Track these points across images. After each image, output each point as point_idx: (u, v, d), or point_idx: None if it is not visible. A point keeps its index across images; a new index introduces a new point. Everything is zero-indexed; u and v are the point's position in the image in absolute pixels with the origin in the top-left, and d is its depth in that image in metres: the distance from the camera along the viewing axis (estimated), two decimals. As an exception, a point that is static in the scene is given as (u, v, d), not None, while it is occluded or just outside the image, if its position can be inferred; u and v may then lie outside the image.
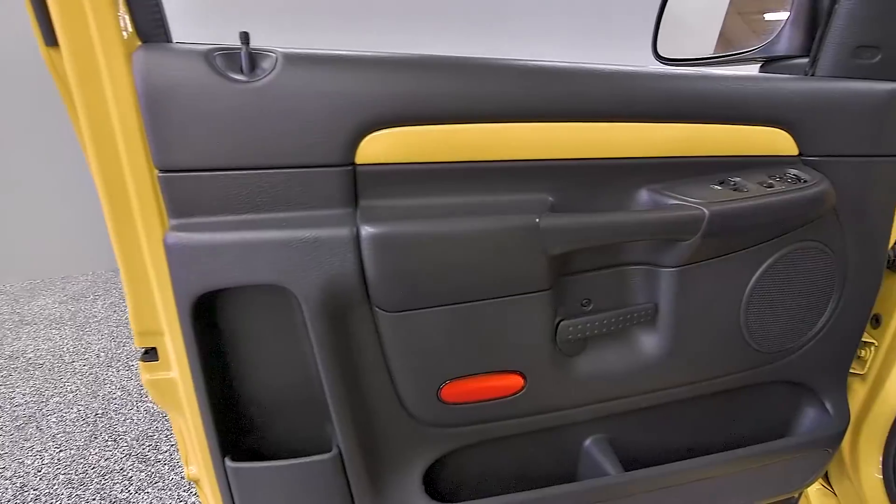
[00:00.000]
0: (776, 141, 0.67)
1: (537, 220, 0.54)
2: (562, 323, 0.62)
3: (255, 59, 0.48)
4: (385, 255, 0.52)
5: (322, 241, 0.51)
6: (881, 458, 0.96)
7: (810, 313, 0.74)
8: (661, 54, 0.95)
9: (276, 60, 0.49)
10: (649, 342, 0.68)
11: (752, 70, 0.82)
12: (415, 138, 0.54)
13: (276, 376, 0.59)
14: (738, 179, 0.64)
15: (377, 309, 0.56)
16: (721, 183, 0.64)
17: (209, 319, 0.55)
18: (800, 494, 0.95)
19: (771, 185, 0.63)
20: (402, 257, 0.53)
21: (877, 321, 1.01)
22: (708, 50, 0.89)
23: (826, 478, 1.11)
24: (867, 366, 1.01)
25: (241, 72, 0.48)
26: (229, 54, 0.48)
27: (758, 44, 0.79)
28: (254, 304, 0.55)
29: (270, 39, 0.52)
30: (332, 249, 0.51)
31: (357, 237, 0.52)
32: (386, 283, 0.53)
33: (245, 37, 0.47)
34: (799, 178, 0.65)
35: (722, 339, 0.70)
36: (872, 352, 1.00)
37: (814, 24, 0.71)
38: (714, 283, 0.66)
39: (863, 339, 1.01)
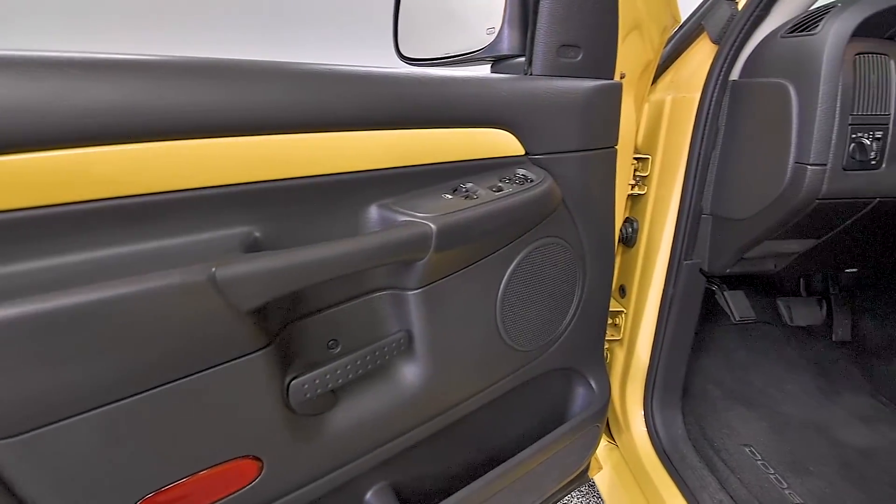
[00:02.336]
0: (504, 142, 0.65)
1: (213, 269, 0.40)
2: (294, 382, 0.50)
3: None
4: None
5: None
6: (643, 413, 1.10)
7: (561, 303, 0.76)
8: (405, 53, 0.90)
9: None
10: (410, 372, 0.61)
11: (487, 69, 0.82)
12: (15, 172, 0.35)
13: None
14: (470, 185, 0.61)
15: None
16: (454, 190, 0.60)
17: None
18: (588, 465, 1.02)
19: (500, 189, 0.61)
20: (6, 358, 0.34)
21: (623, 291, 1.15)
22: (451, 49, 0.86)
23: (609, 433, 1.24)
24: (622, 331, 1.15)
25: None
26: None
27: (486, 42, 0.78)
28: None
29: None
30: None
31: None
32: None
33: None
34: (527, 178, 0.64)
35: (484, 349, 0.67)
36: (624, 319, 1.14)
37: (526, 24, 0.72)
38: (463, 295, 0.62)
39: (615, 310, 1.14)
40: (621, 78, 0.79)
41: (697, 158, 0.86)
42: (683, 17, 0.91)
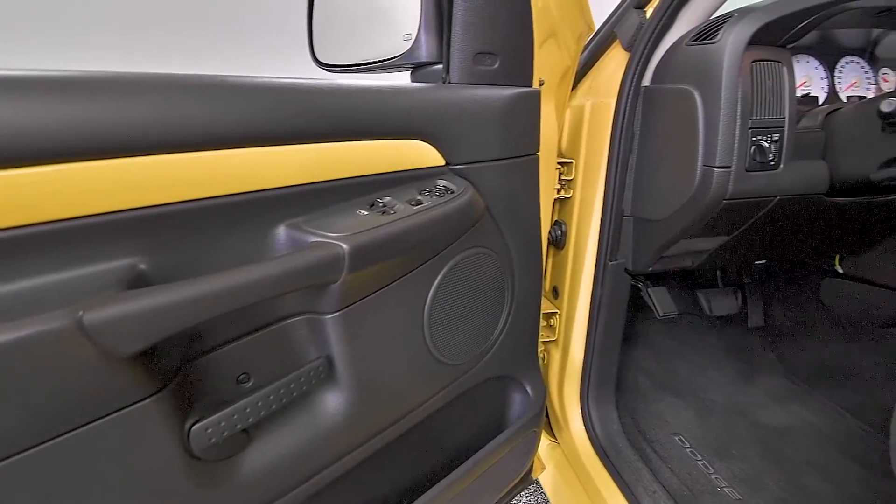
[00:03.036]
0: (423, 153, 0.63)
1: (81, 313, 0.35)
2: (195, 427, 0.45)
3: None
4: None
5: None
6: (580, 410, 1.12)
7: (492, 313, 0.76)
8: (321, 59, 0.86)
9: None
10: (333, 400, 0.58)
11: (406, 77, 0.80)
12: None
13: None
14: (388, 199, 0.58)
15: None
16: (371, 206, 0.57)
17: None
18: (530, 468, 1.03)
19: (419, 202, 0.58)
20: None
21: (556, 293, 1.17)
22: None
23: (551, 431, 1.26)
24: (557, 332, 1.17)
25: None
26: None
27: (404, 49, 0.76)
28: None
29: None
30: None
31: None
32: None
33: None
34: (447, 189, 0.62)
35: (413, 368, 0.65)
36: (558, 319, 1.16)
37: (442, 31, 0.70)
38: (387, 313, 0.59)
39: (550, 311, 1.16)
40: (540, 85, 0.79)
41: (616, 162, 0.89)
42: (597, 25, 0.94)
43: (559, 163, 1.01)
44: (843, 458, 1.00)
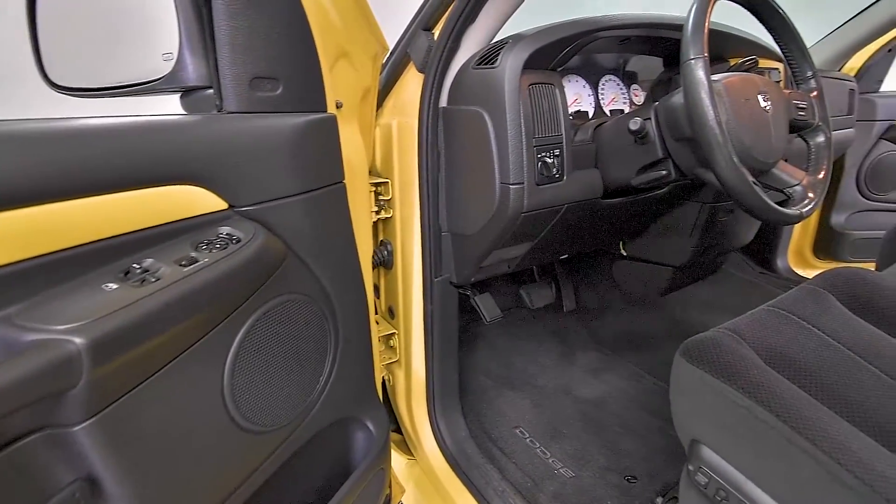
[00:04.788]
0: (197, 199, 0.54)
1: None
2: None
3: None
4: None
5: None
6: (429, 424, 1.12)
7: (314, 360, 0.69)
8: (54, 80, 0.69)
9: None
10: None
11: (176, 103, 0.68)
12: None
13: None
14: (149, 262, 0.47)
15: None
16: (125, 274, 0.46)
17: None
18: (388, 498, 0.99)
19: (194, 260, 0.49)
20: None
21: (392, 313, 1.15)
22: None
23: (409, 450, 1.24)
24: (398, 352, 1.15)
25: None
26: None
27: (166, 70, 0.64)
28: None
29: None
30: None
31: None
32: None
33: None
34: (232, 238, 0.54)
35: (220, 451, 0.55)
36: (397, 339, 1.14)
37: (208, 52, 0.61)
38: (171, 400, 0.49)
39: (389, 332, 1.13)
40: (338, 107, 0.75)
41: (427, 180, 0.89)
42: (392, 44, 0.93)
43: (375, 183, 0.99)
44: (647, 414, 1.18)
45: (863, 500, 0.47)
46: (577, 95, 0.98)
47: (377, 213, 1.00)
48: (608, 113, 1.02)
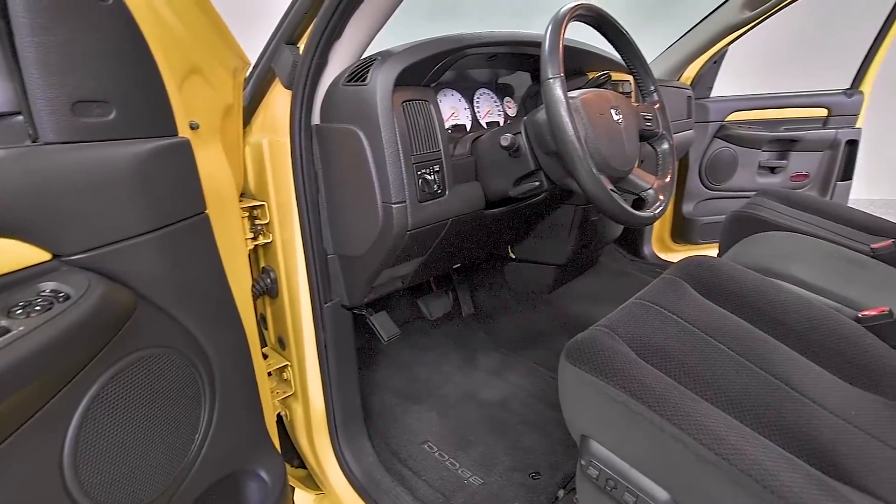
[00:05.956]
0: (6, 251, 0.44)
1: None
2: None
3: None
4: None
5: None
6: (334, 455, 1.06)
7: (185, 417, 0.61)
8: None
9: None
10: None
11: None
12: None
13: None
14: None
15: None
16: None
17: None
18: None
19: (5, 330, 0.40)
20: None
21: (282, 344, 1.07)
22: None
23: (316, 485, 1.17)
24: (294, 384, 1.08)
25: None
26: None
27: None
28: None
29: None
30: None
31: None
32: None
33: None
34: (58, 295, 0.45)
35: None
36: (291, 371, 1.07)
37: (12, 71, 0.50)
38: None
39: (281, 365, 1.05)
40: (194, 128, 0.67)
41: (305, 201, 0.84)
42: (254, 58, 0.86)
43: (250, 206, 0.91)
44: (547, 408, 1.24)
45: (723, 474, 0.52)
46: (453, 109, 0.99)
47: (254, 238, 0.92)
48: (485, 125, 1.05)
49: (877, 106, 1.99)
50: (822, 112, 1.91)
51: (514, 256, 1.47)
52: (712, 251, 1.86)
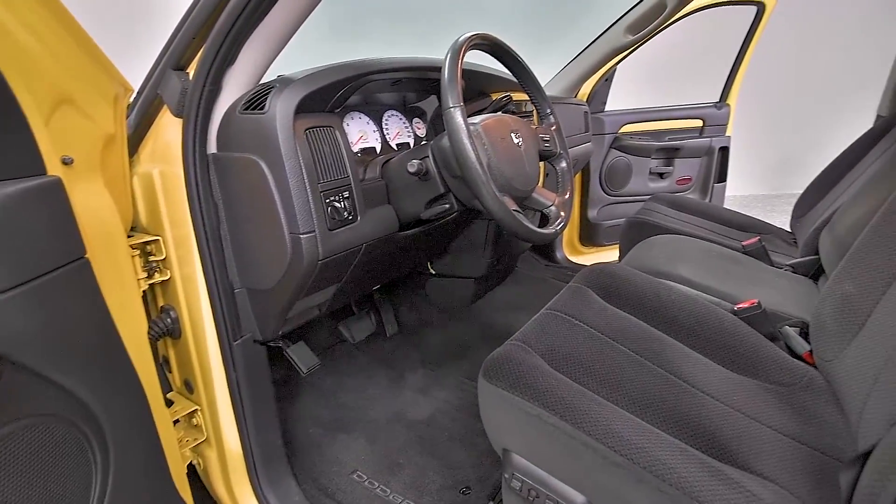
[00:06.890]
0: None
1: None
2: None
3: None
4: None
5: None
6: (256, 501, 0.99)
7: (75, 487, 0.54)
8: None
9: None
10: None
11: None
12: None
13: None
14: None
15: None
16: None
17: None
18: None
19: None
20: None
21: (189, 387, 0.99)
22: None
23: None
24: (205, 429, 1.00)
25: None
26: None
27: None
28: None
29: None
30: None
31: None
32: None
33: None
34: None
35: None
36: (201, 415, 0.99)
37: None
38: None
39: (190, 410, 0.97)
40: (67, 164, 0.61)
41: (205, 234, 0.79)
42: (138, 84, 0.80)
43: (142, 243, 0.84)
44: (473, 420, 1.26)
45: (629, 474, 0.57)
46: (362, 133, 0.99)
47: (149, 277, 0.85)
48: (395, 147, 1.06)
49: (743, 115, 2.28)
50: (698, 123, 2.15)
51: (433, 272, 1.48)
52: (616, 251, 2.01)
